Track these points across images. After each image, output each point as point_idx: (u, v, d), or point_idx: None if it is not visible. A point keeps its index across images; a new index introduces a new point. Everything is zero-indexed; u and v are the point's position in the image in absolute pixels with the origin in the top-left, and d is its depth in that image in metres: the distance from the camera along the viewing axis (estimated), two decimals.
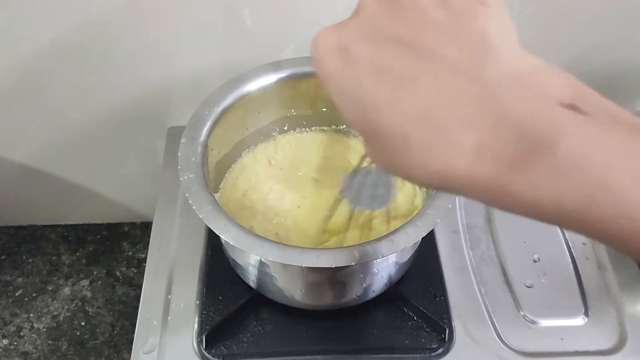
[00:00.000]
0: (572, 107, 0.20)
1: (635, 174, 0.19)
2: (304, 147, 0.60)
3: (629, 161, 0.19)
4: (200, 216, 0.43)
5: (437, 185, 0.23)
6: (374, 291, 0.52)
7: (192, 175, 0.46)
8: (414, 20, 0.23)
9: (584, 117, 0.20)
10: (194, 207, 0.43)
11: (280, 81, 0.55)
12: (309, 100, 0.58)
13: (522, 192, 0.20)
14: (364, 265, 0.43)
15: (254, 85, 0.54)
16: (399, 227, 0.44)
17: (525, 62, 0.22)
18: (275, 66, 0.55)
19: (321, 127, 0.61)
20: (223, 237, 0.42)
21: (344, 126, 0.61)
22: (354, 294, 0.51)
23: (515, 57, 0.22)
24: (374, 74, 0.23)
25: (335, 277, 0.49)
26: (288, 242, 0.45)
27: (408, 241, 0.43)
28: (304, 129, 0.61)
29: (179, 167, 0.46)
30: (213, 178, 0.53)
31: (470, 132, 0.21)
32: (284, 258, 0.42)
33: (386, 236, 0.43)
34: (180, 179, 0.45)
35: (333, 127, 0.61)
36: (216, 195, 0.51)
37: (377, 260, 0.43)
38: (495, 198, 0.21)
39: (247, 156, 0.59)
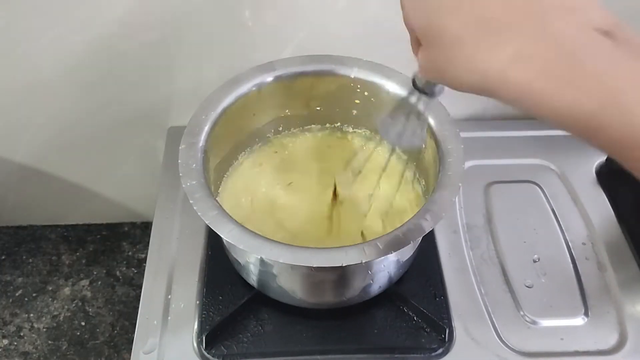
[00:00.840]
0: (607, 34, 0.24)
1: None
2: (300, 146, 0.60)
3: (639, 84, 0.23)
4: (206, 222, 0.43)
5: (476, 84, 0.26)
6: (374, 290, 0.52)
7: (194, 182, 0.46)
8: None
9: (613, 43, 0.24)
10: (199, 214, 0.44)
11: (274, 82, 0.55)
12: (303, 99, 0.58)
13: (544, 95, 0.24)
14: (365, 263, 0.43)
15: (248, 87, 0.54)
16: (404, 223, 0.44)
17: None
18: (269, 67, 0.55)
19: (316, 126, 0.61)
20: (231, 242, 0.43)
21: (339, 124, 0.61)
22: (354, 292, 0.51)
23: None
24: None
25: (337, 275, 0.49)
26: (292, 241, 0.45)
27: (419, 234, 0.43)
28: (299, 128, 0.61)
29: (180, 174, 0.46)
30: (213, 182, 0.53)
31: (515, 39, 0.24)
32: (295, 259, 0.42)
33: (393, 232, 0.43)
34: (183, 186, 0.45)
35: (328, 125, 0.61)
36: (218, 200, 0.51)
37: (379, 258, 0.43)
38: (521, 99, 0.25)
39: (244, 159, 0.59)
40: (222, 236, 0.43)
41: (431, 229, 0.44)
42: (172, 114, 0.71)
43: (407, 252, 0.52)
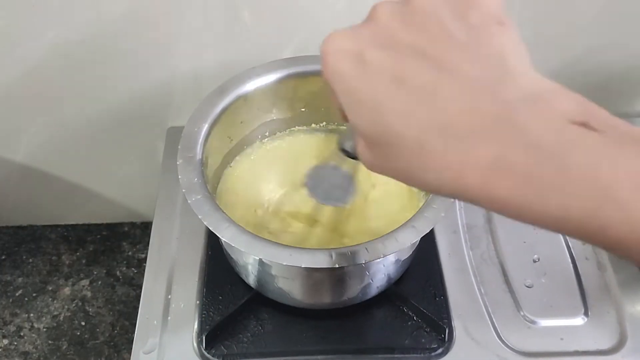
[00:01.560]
0: (583, 124, 0.21)
1: (638, 186, 0.20)
2: (288, 149, 0.60)
3: (634, 174, 0.20)
4: (223, 238, 0.43)
5: (448, 192, 0.24)
6: (373, 290, 0.52)
7: (199, 196, 0.46)
8: (432, 31, 0.24)
9: (594, 133, 0.21)
10: (211, 228, 0.44)
11: (259, 87, 0.55)
12: (287, 102, 0.58)
13: (532, 203, 0.22)
14: (364, 263, 0.43)
15: (235, 96, 0.54)
16: (402, 225, 0.44)
17: (539, 84, 0.23)
18: (252, 73, 0.54)
19: (301, 127, 0.61)
20: (252, 254, 0.43)
21: (324, 124, 0.61)
22: (354, 292, 0.51)
23: (530, 79, 0.23)
24: (392, 81, 0.23)
25: (336, 276, 0.49)
26: (296, 244, 0.46)
27: (415, 236, 0.44)
28: (284, 131, 0.61)
29: (183, 190, 0.46)
30: (211, 192, 0.53)
31: (488, 145, 0.22)
32: (315, 262, 0.42)
33: (391, 234, 0.43)
34: (189, 201, 0.45)
35: (313, 125, 0.61)
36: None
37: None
38: (505, 209, 0.23)
39: (234, 167, 0.59)
40: (240, 248, 0.43)
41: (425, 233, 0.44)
42: (172, 114, 0.71)
43: (406, 252, 0.52)
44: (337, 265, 0.42)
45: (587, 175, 0.21)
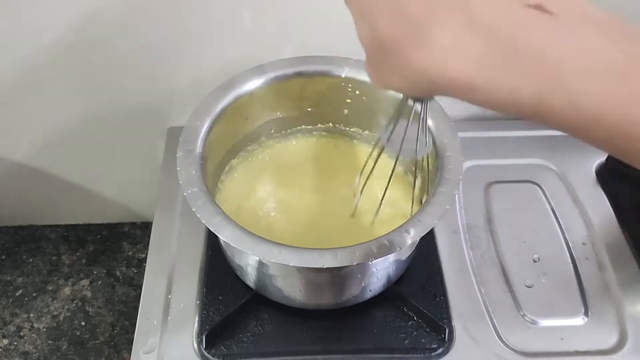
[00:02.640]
0: (538, 7, 0.22)
1: (584, 68, 0.21)
2: (293, 148, 0.60)
3: (582, 56, 0.21)
4: (211, 229, 0.43)
5: (421, 84, 0.26)
6: (373, 290, 0.52)
7: (195, 189, 0.46)
8: None
9: (547, 16, 0.22)
10: (203, 221, 0.44)
11: (265, 85, 0.55)
12: (294, 101, 0.58)
13: (485, 85, 0.23)
14: (363, 263, 0.43)
15: (239, 92, 0.54)
16: (405, 221, 0.44)
17: None
18: (259, 70, 0.55)
19: (307, 127, 0.61)
20: (236, 246, 0.43)
21: (330, 124, 0.61)
22: (353, 292, 0.51)
23: None
24: None
25: (335, 276, 0.49)
26: (295, 243, 0.46)
27: (422, 230, 0.44)
28: (290, 130, 0.61)
29: (180, 182, 0.46)
30: (210, 188, 0.53)
31: (445, 32, 0.23)
32: (303, 261, 0.42)
33: (400, 228, 0.43)
34: (185, 194, 0.45)
35: (319, 125, 0.61)
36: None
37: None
38: (467, 94, 0.24)
39: (238, 162, 0.59)
40: (227, 241, 0.43)
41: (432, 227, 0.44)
42: (172, 114, 0.71)
43: (404, 253, 0.52)
44: (324, 266, 0.42)
45: (536, 57, 0.22)
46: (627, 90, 0.21)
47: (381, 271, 0.50)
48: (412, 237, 0.43)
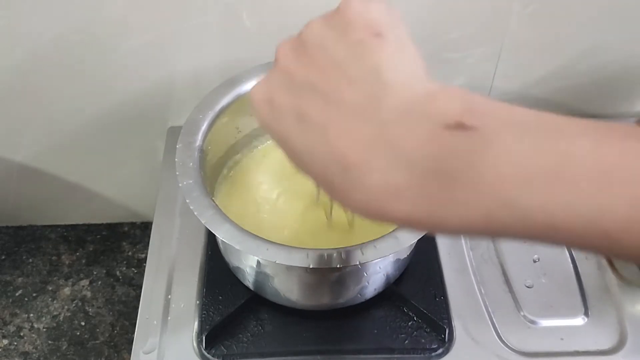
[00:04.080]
0: (459, 125, 0.21)
1: (523, 179, 0.20)
2: None
3: (516, 166, 0.20)
4: (202, 222, 0.43)
5: (370, 218, 0.24)
6: (372, 290, 0.52)
7: (191, 181, 0.46)
8: (319, 61, 0.25)
9: (469, 133, 0.21)
10: (195, 213, 0.44)
11: None
12: None
13: (432, 219, 0.22)
14: (361, 264, 0.43)
15: (245, 88, 0.54)
16: (385, 234, 0.44)
17: (415, 90, 0.23)
18: (267, 67, 0.54)
19: None
20: (227, 242, 0.43)
21: None
22: (352, 293, 0.51)
23: (407, 88, 0.23)
24: (296, 121, 0.24)
25: (332, 277, 0.49)
26: (290, 242, 0.46)
27: (412, 238, 0.43)
28: None
29: (177, 173, 0.46)
30: (209, 182, 0.53)
31: (373, 174, 0.22)
32: (290, 260, 0.42)
33: (390, 234, 0.43)
34: (180, 185, 0.45)
35: None
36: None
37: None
38: (412, 227, 0.23)
39: (241, 158, 0.59)
40: (218, 235, 0.43)
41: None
42: (172, 114, 0.70)
43: (403, 252, 0.52)
44: (310, 266, 0.41)
45: (470, 181, 0.21)
46: (565, 190, 0.20)
47: (379, 271, 0.50)
48: (401, 243, 0.43)
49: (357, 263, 0.42)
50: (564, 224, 0.20)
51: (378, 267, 0.49)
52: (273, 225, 0.54)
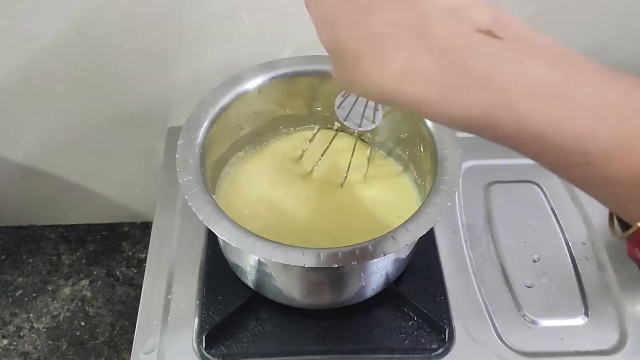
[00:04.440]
0: (488, 32, 0.24)
1: (527, 88, 0.23)
2: (300, 146, 0.60)
3: (526, 78, 0.23)
4: (200, 218, 0.43)
5: (381, 99, 0.27)
6: (372, 289, 0.52)
7: (191, 177, 0.46)
8: None
9: (496, 41, 0.24)
10: (193, 209, 0.44)
11: (275, 81, 0.55)
12: (304, 99, 0.58)
13: (437, 104, 0.25)
14: (361, 263, 0.43)
15: (249, 86, 0.54)
16: (399, 225, 0.44)
17: None
18: (270, 66, 0.55)
19: (316, 127, 0.61)
20: (224, 239, 0.43)
21: (339, 125, 0.61)
22: (351, 292, 0.51)
23: None
24: (343, 2, 0.27)
25: (332, 275, 0.49)
26: (291, 240, 0.46)
27: (409, 239, 0.43)
28: (299, 128, 0.61)
29: (177, 169, 0.46)
30: (210, 179, 0.53)
31: (402, 52, 0.25)
32: (286, 259, 0.42)
33: (387, 234, 0.43)
34: (179, 181, 0.45)
35: (328, 126, 0.61)
36: (214, 197, 0.51)
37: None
38: (419, 110, 0.26)
39: (242, 156, 0.59)
40: (215, 232, 0.43)
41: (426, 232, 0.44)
42: (172, 114, 0.71)
43: (404, 250, 0.51)
44: (305, 265, 0.41)
45: (484, 78, 0.24)
46: (563, 108, 0.23)
47: (381, 269, 0.50)
48: (398, 244, 0.43)
49: (353, 263, 0.42)
50: (552, 137, 0.23)
51: (376, 267, 0.49)
52: (274, 222, 0.54)
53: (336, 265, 0.42)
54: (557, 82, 0.23)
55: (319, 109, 0.59)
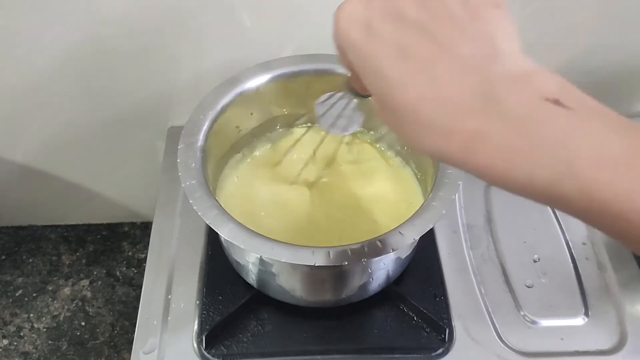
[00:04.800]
0: (556, 102, 0.24)
1: (598, 159, 0.23)
2: (297, 145, 0.60)
3: (595, 148, 0.23)
4: (207, 222, 0.43)
5: (438, 157, 0.26)
6: (373, 288, 0.52)
7: (194, 181, 0.46)
8: (436, 10, 0.26)
9: (564, 110, 0.24)
10: (199, 213, 0.44)
11: (272, 81, 0.55)
12: (300, 98, 0.58)
13: (505, 170, 0.24)
14: (366, 261, 0.43)
15: (245, 87, 0.54)
16: (405, 220, 0.44)
17: (523, 65, 0.26)
18: (266, 66, 0.55)
19: (313, 125, 0.61)
20: (232, 241, 0.43)
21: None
22: (353, 290, 0.51)
23: (516, 60, 0.26)
24: (395, 52, 0.26)
25: (334, 273, 0.49)
26: (296, 240, 0.46)
27: (417, 233, 0.43)
28: (296, 127, 0.61)
29: (179, 174, 0.46)
30: (211, 181, 0.53)
31: (472, 118, 0.24)
32: (296, 258, 0.42)
33: (394, 230, 0.43)
34: (183, 185, 0.45)
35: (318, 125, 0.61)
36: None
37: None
38: (481, 174, 0.25)
39: (241, 157, 0.59)
40: (222, 235, 0.43)
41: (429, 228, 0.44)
42: (172, 114, 0.71)
43: (405, 250, 0.52)
44: (315, 264, 0.42)
45: (552, 148, 0.23)
46: (629, 178, 0.23)
47: (381, 269, 0.50)
48: (406, 239, 0.43)
49: (363, 260, 0.42)
50: (620, 209, 0.23)
51: (382, 263, 0.49)
52: (275, 224, 0.54)
53: (347, 263, 0.42)
54: (626, 152, 0.23)
55: None
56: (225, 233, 0.43)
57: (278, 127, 0.60)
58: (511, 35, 0.27)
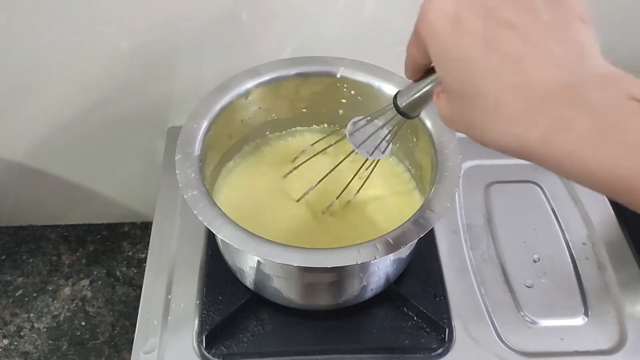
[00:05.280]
0: None
1: None
2: (287, 149, 0.60)
3: None
4: (214, 231, 0.43)
5: (512, 150, 0.27)
6: (372, 290, 0.52)
7: (195, 192, 0.46)
8: (525, 11, 0.27)
9: None
10: (205, 223, 0.44)
11: (260, 86, 0.55)
12: (289, 102, 0.58)
13: (583, 161, 0.25)
14: (361, 263, 0.43)
15: (235, 94, 0.54)
16: (405, 221, 0.44)
17: (611, 68, 0.27)
18: (254, 72, 0.55)
19: (302, 128, 0.61)
20: (240, 248, 0.43)
21: (325, 125, 0.61)
22: (351, 293, 0.51)
23: (603, 63, 0.27)
24: (483, 45, 0.27)
25: (334, 276, 0.49)
26: (295, 243, 0.46)
27: (420, 231, 0.44)
28: (285, 131, 0.61)
29: (180, 185, 0.46)
30: (209, 189, 0.53)
31: (556, 107, 0.25)
32: (310, 262, 0.42)
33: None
34: (185, 196, 0.45)
35: (314, 126, 0.61)
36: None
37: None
38: (560, 166, 0.26)
39: (234, 165, 0.59)
40: (234, 245, 0.43)
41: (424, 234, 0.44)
42: (172, 114, 0.71)
43: (403, 252, 0.52)
44: (328, 266, 0.42)
45: (633, 141, 0.24)
46: None
47: (380, 270, 0.50)
48: (416, 235, 0.43)
49: (356, 262, 0.42)
50: None
51: (377, 266, 0.49)
52: (271, 228, 0.54)
53: (359, 262, 0.42)
54: None
55: (304, 110, 0.59)
56: (230, 239, 0.43)
57: (267, 133, 0.60)
58: (595, 48, 0.28)
